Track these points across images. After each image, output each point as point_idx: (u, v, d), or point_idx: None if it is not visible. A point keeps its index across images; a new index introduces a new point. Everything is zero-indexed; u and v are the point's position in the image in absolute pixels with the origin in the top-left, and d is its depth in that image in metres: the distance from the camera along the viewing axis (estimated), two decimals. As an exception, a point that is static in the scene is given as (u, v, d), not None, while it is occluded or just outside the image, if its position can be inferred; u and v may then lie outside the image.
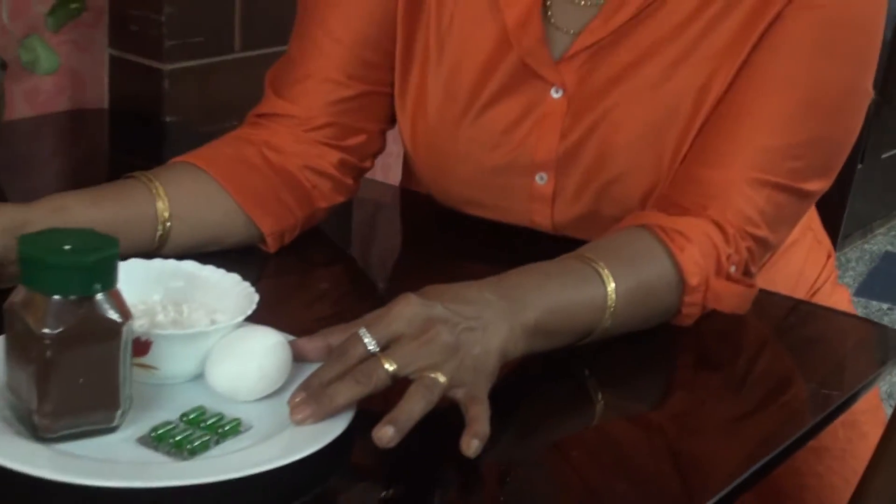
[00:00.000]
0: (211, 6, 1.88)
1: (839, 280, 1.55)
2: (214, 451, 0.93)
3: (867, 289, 3.92)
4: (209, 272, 1.09)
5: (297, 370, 1.01)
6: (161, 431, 0.94)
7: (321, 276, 1.36)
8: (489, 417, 0.97)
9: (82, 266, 0.89)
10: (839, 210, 1.64)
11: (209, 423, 0.96)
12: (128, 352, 0.92)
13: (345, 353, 0.98)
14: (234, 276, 1.09)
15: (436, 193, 1.45)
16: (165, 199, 1.23)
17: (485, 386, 1.00)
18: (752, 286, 1.23)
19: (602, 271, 1.13)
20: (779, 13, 1.24)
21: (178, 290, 1.08)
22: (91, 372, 0.91)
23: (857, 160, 1.57)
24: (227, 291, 1.07)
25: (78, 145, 1.88)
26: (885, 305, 3.84)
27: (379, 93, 1.38)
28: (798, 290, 1.45)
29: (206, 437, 0.94)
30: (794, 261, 1.46)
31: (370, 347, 0.97)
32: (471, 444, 0.95)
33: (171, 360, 1.00)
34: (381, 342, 0.98)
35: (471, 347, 0.99)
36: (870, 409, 1.45)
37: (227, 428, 0.95)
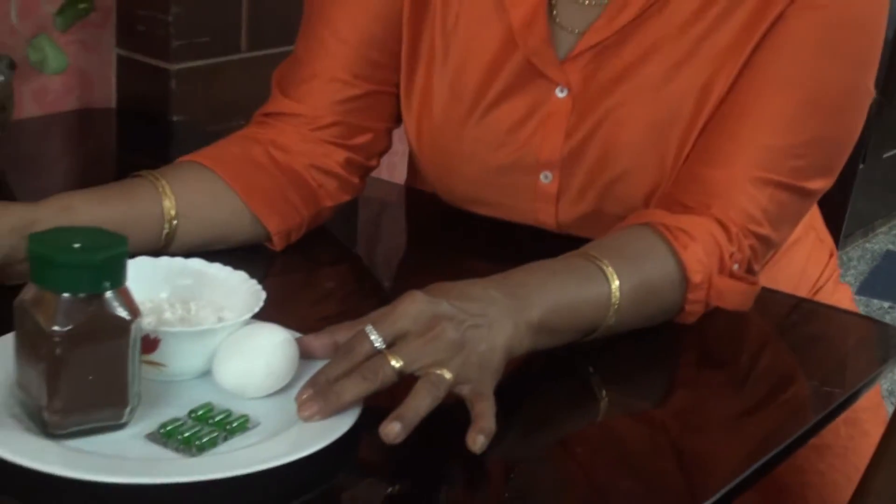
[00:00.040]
0: (218, 6, 1.88)
1: (841, 279, 1.55)
2: (223, 448, 0.93)
3: (868, 287, 3.92)
4: (216, 270, 1.09)
5: (304, 367, 1.01)
6: (170, 428, 0.94)
7: (327, 274, 1.36)
8: (495, 414, 0.97)
9: (92, 264, 0.89)
10: (841, 209, 1.64)
11: (217, 419, 0.96)
12: (137, 349, 0.92)
13: (351, 350, 0.98)
14: (241, 274, 1.09)
15: (441, 192, 1.45)
16: (172, 198, 1.23)
17: (490, 382, 1.00)
18: (754, 283, 1.23)
19: (606, 269, 1.14)
20: (781, 13, 1.24)
21: (185, 287, 1.08)
22: (100, 369, 0.91)
23: (859, 160, 1.57)
24: (234, 289, 1.07)
25: (86, 144, 1.87)
26: (886, 304, 3.83)
27: (385, 92, 1.39)
28: (800, 289, 1.45)
29: (215, 434, 0.94)
30: (796, 259, 1.46)
31: (377, 344, 0.98)
32: (477, 440, 0.95)
33: (180, 357, 1.00)
34: (388, 339, 0.98)
35: (476, 344, 1.00)
36: (871, 406, 1.45)
37: (235, 424, 0.95)
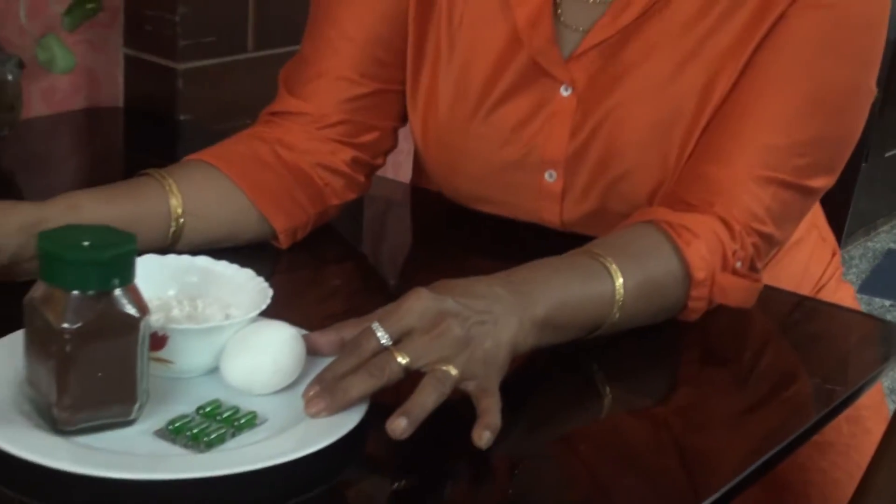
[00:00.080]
0: (224, 6, 1.88)
1: (843, 277, 1.55)
2: (230, 444, 0.93)
3: (870, 286, 3.92)
4: (223, 267, 1.10)
5: (311, 364, 1.01)
6: (178, 424, 0.94)
7: (333, 271, 1.37)
8: (500, 410, 0.98)
9: (101, 262, 0.89)
10: (843, 208, 1.64)
11: (225, 416, 0.96)
12: (145, 346, 0.93)
13: (358, 347, 0.98)
14: (248, 272, 1.09)
15: (446, 190, 1.45)
16: (179, 196, 1.23)
17: (496, 379, 1.00)
18: (757, 280, 1.23)
19: (610, 266, 1.14)
20: (783, 13, 1.24)
21: (192, 285, 1.09)
22: (109, 366, 0.91)
23: (862, 159, 1.57)
24: (241, 286, 1.07)
25: (93, 143, 1.88)
26: (887, 302, 3.84)
27: (391, 91, 1.39)
28: (803, 287, 1.45)
29: (223, 430, 0.94)
30: (799, 258, 1.46)
31: (383, 341, 0.98)
32: (482, 436, 0.95)
33: (187, 354, 1.00)
34: (394, 336, 0.98)
35: (482, 341, 1.00)
36: (873, 404, 1.45)
37: (242, 421, 0.96)
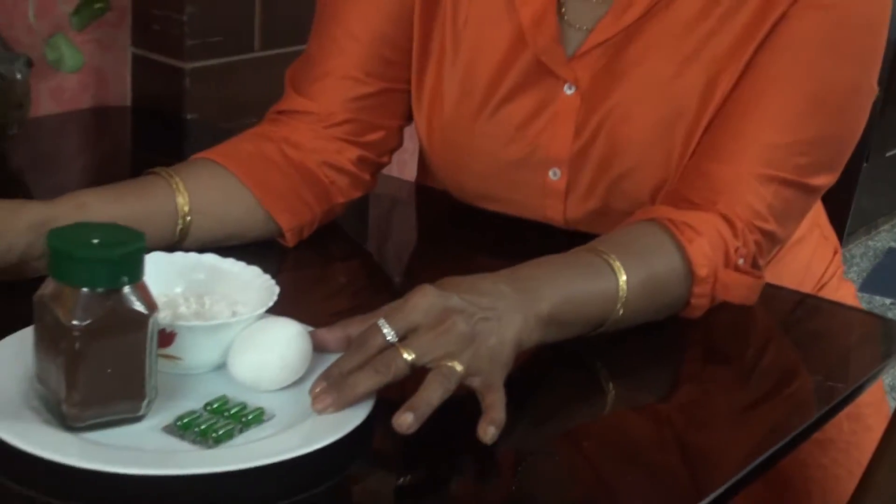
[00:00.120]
0: (231, 6, 1.89)
1: (844, 276, 1.56)
2: (238, 440, 0.94)
3: (871, 284, 3.92)
4: (230, 265, 1.10)
5: (318, 360, 1.01)
6: (186, 420, 0.95)
7: (339, 269, 1.37)
8: (505, 405, 0.98)
9: (110, 259, 0.90)
10: (845, 207, 1.65)
11: (233, 412, 0.97)
12: (154, 343, 0.93)
13: (364, 344, 0.99)
14: (255, 269, 1.09)
15: (451, 189, 1.45)
16: (185, 195, 1.24)
17: (500, 375, 1.01)
18: (759, 277, 1.24)
19: (614, 263, 1.14)
20: (784, 13, 1.24)
21: (199, 282, 1.09)
22: (118, 362, 0.91)
23: (863, 158, 1.57)
24: (247, 284, 1.08)
25: (101, 142, 1.88)
26: (888, 301, 3.84)
27: (397, 90, 1.39)
28: (805, 285, 1.45)
29: (231, 426, 0.95)
30: (801, 256, 1.46)
31: (389, 338, 0.98)
32: (487, 431, 0.96)
33: (195, 351, 1.01)
34: (400, 332, 0.99)
35: (486, 337, 1.00)
36: (874, 401, 1.46)
37: (250, 417, 0.96)
